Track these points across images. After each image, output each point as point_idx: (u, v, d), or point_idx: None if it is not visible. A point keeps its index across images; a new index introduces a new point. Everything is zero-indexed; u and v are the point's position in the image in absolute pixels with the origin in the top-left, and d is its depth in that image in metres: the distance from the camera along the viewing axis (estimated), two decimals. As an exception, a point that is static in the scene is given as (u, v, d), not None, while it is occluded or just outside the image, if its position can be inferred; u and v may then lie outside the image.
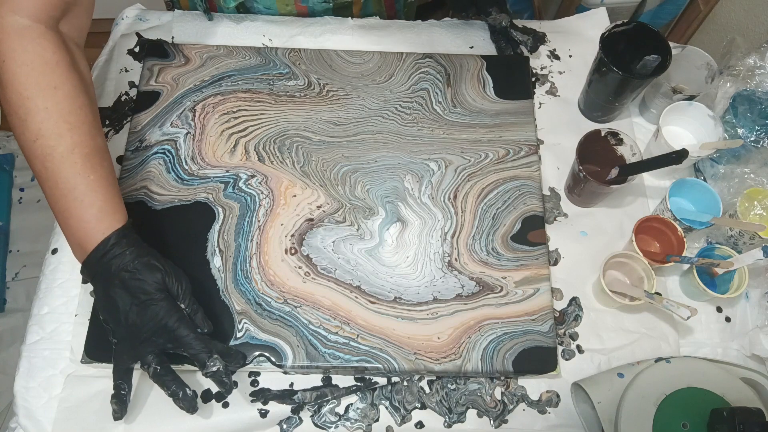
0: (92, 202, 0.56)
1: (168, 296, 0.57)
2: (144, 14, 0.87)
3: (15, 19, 0.55)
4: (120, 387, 0.57)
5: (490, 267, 0.70)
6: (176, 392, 0.57)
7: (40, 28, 0.56)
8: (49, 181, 0.56)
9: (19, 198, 1.49)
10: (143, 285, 0.56)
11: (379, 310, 0.67)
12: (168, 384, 0.57)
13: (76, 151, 0.56)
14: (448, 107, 0.79)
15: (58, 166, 0.55)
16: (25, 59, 0.55)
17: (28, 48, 0.55)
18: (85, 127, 0.57)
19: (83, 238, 0.56)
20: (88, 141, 0.57)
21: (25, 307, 1.35)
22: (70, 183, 0.56)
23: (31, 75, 0.55)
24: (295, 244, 0.70)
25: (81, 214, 0.56)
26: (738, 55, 0.79)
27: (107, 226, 0.56)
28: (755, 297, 0.73)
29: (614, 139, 0.73)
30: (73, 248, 0.58)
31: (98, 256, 0.56)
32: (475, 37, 0.88)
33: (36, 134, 0.55)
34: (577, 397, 0.67)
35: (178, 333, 0.56)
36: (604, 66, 0.73)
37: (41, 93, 0.55)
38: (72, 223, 0.56)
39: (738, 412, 0.55)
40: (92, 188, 0.56)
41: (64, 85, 0.56)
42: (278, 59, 0.81)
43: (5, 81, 0.55)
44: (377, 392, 0.66)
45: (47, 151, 0.55)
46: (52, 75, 0.56)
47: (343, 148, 0.76)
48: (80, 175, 0.56)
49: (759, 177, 0.72)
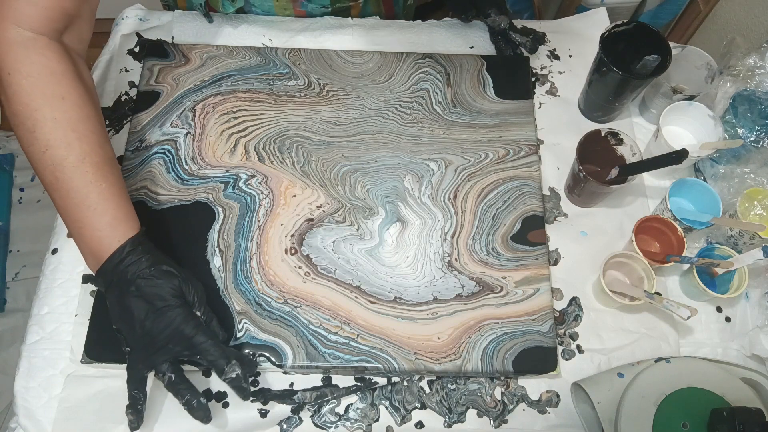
0: (105, 211, 0.56)
1: (184, 303, 0.57)
2: (144, 14, 0.87)
3: (18, 32, 0.55)
4: (136, 397, 0.56)
5: (490, 267, 0.70)
6: (190, 401, 0.56)
7: (43, 40, 0.56)
8: (60, 191, 0.56)
9: (19, 198, 1.50)
10: (160, 291, 0.56)
11: (379, 310, 0.67)
12: (182, 393, 0.56)
13: (86, 161, 0.56)
14: (448, 107, 0.79)
15: (69, 176, 0.55)
16: (30, 71, 0.55)
17: (33, 59, 0.55)
18: (94, 137, 0.57)
19: (97, 246, 0.56)
20: (97, 150, 0.57)
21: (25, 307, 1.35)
22: (82, 192, 0.56)
23: (37, 86, 0.55)
24: (295, 244, 0.70)
25: (94, 222, 0.56)
26: (738, 55, 0.79)
27: (121, 233, 0.56)
28: (755, 297, 0.73)
29: (614, 139, 0.73)
30: (87, 257, 0.58)
31: (113, 264, 0.56)
32: (475, 37, 0.88)
33: (45, 145, 0.55)
34: (577, 397, 0.67)
35: (196, 340, 0.55)
36: (604, 66, 0.73)
37: (49, 103, 0.55)
38: (85, 233, 0.56)
39: (738, 412, 0.55)
40: (104, 197, 0.56)
41: (70, 95, 0.56)
42: (278, 59, 0.81)
43: (11, 93, 0.55)
44: (377, 392, 0.66)
45: (57, 161, 0.55)
46: (59, 85, 0.56)
47: (343, 148, 0.76)
48: (92, 184, 0.56)
49: (759, 177, 0.72)
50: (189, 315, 0.56)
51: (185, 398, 0.56)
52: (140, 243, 0.57)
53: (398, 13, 0.95)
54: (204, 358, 0.56)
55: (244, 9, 0.86)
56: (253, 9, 0.86)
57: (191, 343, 0.56)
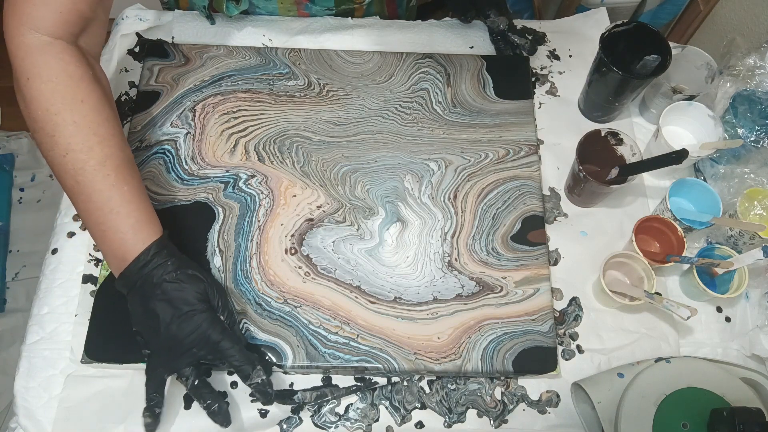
0: (129, 213, 0.56)
1: (210, 308, 0.57)
2: (144, 14, 0.87)
3: (36, 36, 0.55)
4: (154, 399, 0.56)
5: (490, 267, 0.70)
6: (211, 405, 0.56)
7: (61, 44, 0.56)
8: (82, 195, 0.56)
9: (19, 198, 1.50)
10: (186, 296, 0.56)
11: (379, 310, 0.67)
12: (205, 397, 0.56)
13: (107, 164, 0.56)
14: (448, 107, 0.79)
15: (91, 179, 0.55)
16: (49, 75, 0.55)
17: (51, 64, 0.55)
18: (114, 140, 0.57)
19: (121, 249, 0.56)
20: (117, 153, 0.57)
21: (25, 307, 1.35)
22: (105, 195, 0.55)
23: (57, 90, 0.55)
24: (295, 244, 0.70)
25: (118, 225, 0.56)
26: (738, 55, 0.79)
27: (146, 236, 0.56)
28: (755, 297, 0.73)
29: (614, 139, 0.73)
30: (110, 261, 0.58)
31: (138, 267, 0.55)
32: (475, 37, 0.88)
33: (66, 149, 0.55)
34: (577, 397, 0.67)
35: (222, 345, 0.55)
36: (604, 66, 0.73)
37: (68, 107, 0.55)
38: (109, 235, 0.56)
39: (738, 412, 0.55)
40: (127, 199, 0.56)
41: (89, 98, 0.56)
42: (278, 59, 0.81)
43: (30, 98, 0.55)
44: (377, 392, 0.66)
45: (79, 165, 0.55)
46: (78, 89, 0.56)
47: (343, 148, 0.76)
48: (114, 187, 0.56)
49: (759, 177, 0.72)
50: (215, 320, 0.56)
51: (207, 402, 0.56)
52: (165, 246, 0.57)
53: (401, 15, 0.95)
54: (230, 364, 0.56)
55: (248, 11, 0.86)
56: (256, 11, 0.86)
57: (217, 348, 0.56)
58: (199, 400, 0.56)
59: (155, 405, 0.56)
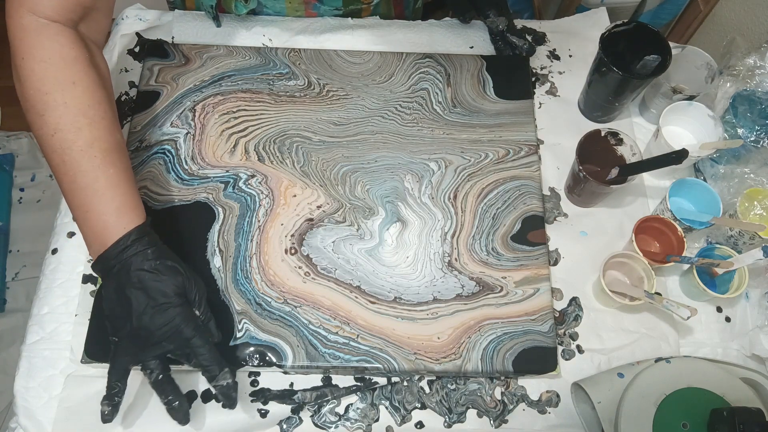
0: (112, 197, 0.56)
1: (186, 302, 0.56)
2: (144, 14, 0.87)
3: (33, 19, 0.56)
4: (115, 387, 0.55)
5: (490, 267, 0.70)
6: (172, 401, 0.56)
7: (57, 26, 0.57)
8: (67, 175, 0.55)
9: (19, 198, 1.50)
10: (163, 287, 0.55)
11: (379, 310, 0.67)
12: (167, 392, 0.56)
13: (95, 146, 0.56)
14: (448, 107, 0.79)
15: (77, 160, 0.55)
16: (43, 56, 0.55)
17: (46, 45, 0.56)
18: (105, 122, 0.57)
19: (102, 232, 0.55)
20: (107, 136, 0.57)
21: (25, 307, 1.35)
22: (90, 177, 0.55)
23: (49, 71, 0.55)
24: (295, 244, 0.70)
25: (101, 208, 0.55)
26: (738, 55, 0.79)
27: (128, 221, 0.56)
28: (755, 297, 0.73)
29: (614, 139, 0.73)
30: (90, 243, 0.57)
31: (117, 251, 0.55)
32: (475, 37, 0.88)
33: (54, 129, 0.55)
34: (577, 397, 0.67)
35: (193, 342, 0.55)
36: (604, 66, 0.73)
37: (60, 88, 0.55)
38: (91, 217, 0.56)
39: (738, 412, 0.55)
40: (112, 183, 0.56)
41: (82, 80, 0.57)
42: (278, 59, 0.81)
43: (24, 77, 0.55)
44: (377, 392, 0.66)
45: (66, 145, 0.55)
46: (71, 71, 0.56)
47: (343, 148, 0.76)
48: (100, 169, 0.56)
49: (759, 177, 0.72)
50: (190, 315, 0.56)
51: (168, 398, 0.56)
52: (146, 233, 0.57)
53: (408, 16, 0.94)
54: (198, 362, 0.56)
55: (256, 11, 0.86)
56: (264, 10, 0.86)
57: (188, 344, 0.55)
58: (161, 395, 0.56)
59: (116, 394, 0.55)
